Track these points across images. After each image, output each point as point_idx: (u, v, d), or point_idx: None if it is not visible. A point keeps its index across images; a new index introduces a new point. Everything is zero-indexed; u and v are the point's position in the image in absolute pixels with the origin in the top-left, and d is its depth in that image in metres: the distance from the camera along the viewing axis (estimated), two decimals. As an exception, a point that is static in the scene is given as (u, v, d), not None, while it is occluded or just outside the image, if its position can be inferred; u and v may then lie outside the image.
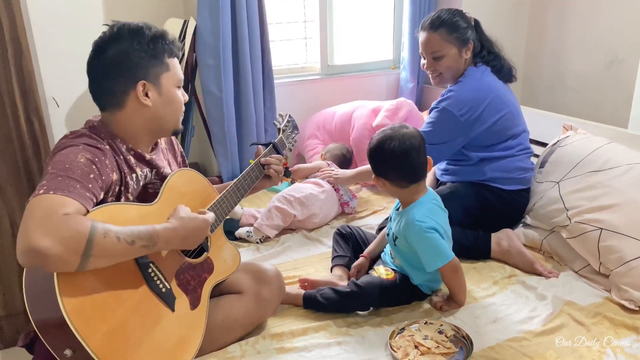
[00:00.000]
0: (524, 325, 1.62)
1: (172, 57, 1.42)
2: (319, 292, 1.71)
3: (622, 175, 1.92)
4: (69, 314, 1.06)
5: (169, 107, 1.42)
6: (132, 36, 1.35)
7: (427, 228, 1.64)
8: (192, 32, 2.48)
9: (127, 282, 1.22)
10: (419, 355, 1.47)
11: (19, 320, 2.13)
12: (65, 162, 1.20)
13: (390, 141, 1.66)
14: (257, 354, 1.49)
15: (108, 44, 1.35)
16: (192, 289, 1.40)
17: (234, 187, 1.56)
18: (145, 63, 1.35)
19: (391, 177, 1.70)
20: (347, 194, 2.48)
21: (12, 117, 2.01)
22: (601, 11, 2.88)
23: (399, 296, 1.73)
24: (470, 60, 2.14)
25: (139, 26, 1.37)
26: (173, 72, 1.41)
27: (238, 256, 1.61)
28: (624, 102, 2.70)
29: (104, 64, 1.35)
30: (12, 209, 2.07)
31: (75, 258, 1.07)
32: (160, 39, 1.38)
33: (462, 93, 2.05)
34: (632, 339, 1.54)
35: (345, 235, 1.99)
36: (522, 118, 2.19)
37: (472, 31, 2.13)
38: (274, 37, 2.86)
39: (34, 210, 1.09)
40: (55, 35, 2.36)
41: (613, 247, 1.78)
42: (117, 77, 1.35)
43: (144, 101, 1.36)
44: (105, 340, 1.12)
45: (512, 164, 2.12)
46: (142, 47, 1.35)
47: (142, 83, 1.35)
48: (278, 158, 1.71)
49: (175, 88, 1.43)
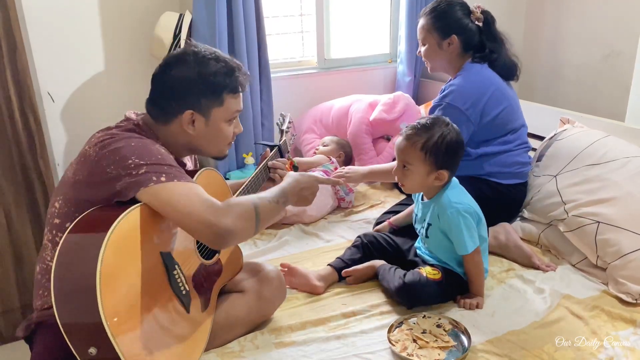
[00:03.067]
0: (522, 318, 1.63)
1: (233, 93, 1.42)
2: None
3: (619, 169, 1.92)
4: (106, 314, 1.05)
5: (213, 140, 1.45)
6: (197, 64, 1.36)
7: (463, 210, 1.67)
8: (187, 26, 2.46)
9: (155, 284, 1.23)
10: (417, 349, 1.47)
11: (16, 316, 2.13)
12: (152, 153, 1.25)
13: (454, 132, 1.69)
14: (255, 349, 1.49)
15: (174, 64, 1.38)
16: (204, 291, 1.42)
17: (245, 189, 1.58)
18: (199, 94, 1.37)
19: (453, 168, 1.72)
20: (344, 188, 2.46)
21: (7, 112, 2.00)
22: (598, 4, 2.87)
23: (445, 294, 1.72)
24: (459, 55, 2.10)
25: (209, 57, 1.38)
26: (226, 107, 1.42)
27: (241, 256, 1.63)
28: (621, 94, 2.70)
29: (164, 82, 1.38)
30: (7, 203, 2.06)
31: (252, 225, 1.27)
32: (224, 75, 1.38)
33: (463, 87, 2.03)
34: (630, 332, 1.55)
35: (364, 244, 1.93)
36: (521, 112, 2.19)
37: (470, 25, 2.09)
38: (270, 30, 2.85)
39: (188, 198, 1.21)
40: (50, 30, 2.34)
41: (610, 240, 1.78)
42: (171, 99, 1.37)
43: (187, 129, 1.38)
44: (132, 340, 1.12)
45: (510, 158, 2.12)
46: (202, 80, 1.36)
47: (190, 112, 1.37)
48: (283, 162, 1.75)
49: (224, 123, 1.44)
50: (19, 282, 2.12)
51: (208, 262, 1.45)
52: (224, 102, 1.40)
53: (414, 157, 1.67)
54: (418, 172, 1.69)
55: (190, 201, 1.20)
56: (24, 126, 2.05)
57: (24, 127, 2.05)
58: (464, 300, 1.70)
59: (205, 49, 1.40)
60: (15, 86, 2.00)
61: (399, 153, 1.72)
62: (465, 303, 1.69)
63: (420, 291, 1.66)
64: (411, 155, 1.68)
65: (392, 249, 1.92)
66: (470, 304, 1.68)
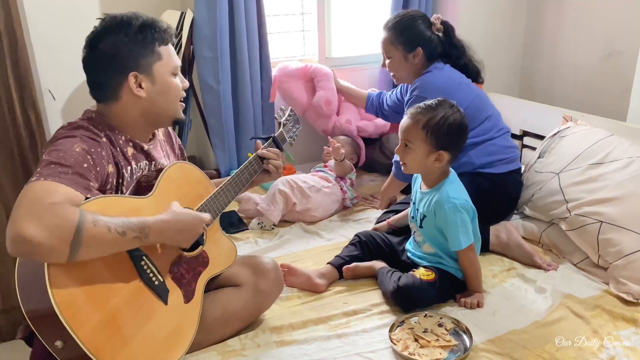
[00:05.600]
0: (523, 318, 1.63)
1: (164, 44, 1.39)
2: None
3: (623, 169, 1.92)
4: (59, 305, 1.06)
5: (165, 96, 1.41)
6: (119, 28, 1.33)
7: (460, 206, 1.67)
8: (189, 24, 2.46)
9: (120, 275, 1.22)
10: (419, 348, 1.47)
11: (16, 315, 2.12)
12: (60, 151, 1.21)
13: (459, 114, 1.70)
14: (256, 347, 1.49)
15: (98, 38, 1.34)
16: (186, 283, 1.40)
17: (231, 181, 1.54)
18: (134, 54, 1.34)
19: (455, 151, 1.72)
20: (352, 198, 2.48)
21: (8, 109, 1.99)
22: (599, 3, 2.87)
23: (441, 294, 1.71)
24: (424, 65, 2.19)
25: (127, 17, 1.35)
26: (166, 60, 1.39)
27: (234, 250, 1.60)
28: (621, 94, 2.69)
29: (96, 58, 1.35)
30: (8, 201, 2.05)
31: (64, 247, 1.06)
32: (148, 27, 1.35)
33: (430, 80, 2.13)
34: (631, 332, 1.55)
35: (362, 242, 1.94)
36: (491, 103, 2.26)
37: (432, 37, 2.18)
38: (271, 29, 2.84)
39: (23, 197, 1.10)
40: (51, 27, 2.34)
41: (612, 240, 1.78)
42: (109, 71, 1.35)
43: (137, 92, 1.36)
44: (95, 331, 1.11)
45: (494, 146, 2.16)
46: (130, 39, 1.33)
47: (134, 74, 1.34)
48: (276, 152, 1.67)
49: (170, 76, 1.41)
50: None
51: (189, 254, 1.43)
52: (162, 55, 1.38)
53: (416, 135, 1.69)
54: (418, 151, 1.70)
55: (20, 199, 1.09)
56: (25, 124, 2.04)
57: (25, 125, 2.04)
58: (464, 299, 1.70)
59: (118, 14, 1.36)
60: (17, 84, 1.99)
61: (401, 131, 1.74)
62: (466, 303, 1.69)
63: (415, 293, 1.65)
64: (413, 134, 1.70)
65: (388, 249, 1.93)
66: (471, 303, 1.68)
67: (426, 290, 1.66)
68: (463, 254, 1.70)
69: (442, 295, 1.71)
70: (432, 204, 1.72)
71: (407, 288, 1.65)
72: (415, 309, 1.65)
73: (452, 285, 1.73)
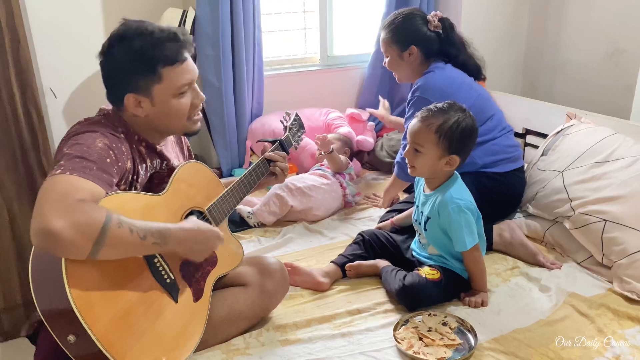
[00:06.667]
0: (527, 316, 1.62)
1: (169, 64, 1.32)
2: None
3: (627, 168, 1.91)
4: (75, 300, 1.06)
5: (165, 118, 1.38)
6: (122, 46, 1.30)
7: (465, 207, 1.66)
8: (191, 22, 2.45)
9: (133, 272, 1.22)
10: (423, 347, 1.47)
11: (18, 313, 2.12)
12: (83, 145, 1.21)
13: (470, 118, 1.69)
14: (261, 346, 1.48)
15: (106, 52, 1.33)
16: (195, 281, 1.40)
17: (240, 183, 1.55)
18: (134, 75, 1.31)
19: (465, 155, 1.71)
20: (353, 194, 2.47)
21: (10, 108, 1.99)
22: (603, 1, 2.86)
23: (446, 294, 1.71)
24: (421, 63, 2.19)
25: (131, 35, 1.30)
26: (167, 82, 1.33)
27: (241, 250, 1.61)
28: (625, 92, 2.69)
29: (104, 71, 1.35)
30: (10, 200, 2.05)
31: (87, 244, 1.06)
32: (152, 48, 1.29)
33: (431, 81, 2.11)
34: (636, 330, 1.54)
35: (365, 241, 1.93)
36: (493, 102, 2.24)
37: (429, 34, 2.16)
38: (272, 27, 2.83)
39: (50, 190, 1.09)
40: (53, 26, 2.33)
41: (617, 238, 1.78)
42: (113, 87, 1.35)
43: (135, 112, 1.35)
44: (108, 327, 1.11)
45: (497, 146, 2.15)
46: (130, 59, 1.30)
47: (132, 96, 1.33)
48: (282, 155, 1.69)
49: (173, 98, 1.36)
50: (22, 278, 2.11)
51: None
52: (163, 77, 1.32)
53: (428, 139, 1.66)
54: (430, 155, 1.67)
55: (46, 192, 1.08)
56: (27, 122, 2.04)
57: (27, 123, 2.04)
58: (468, 298, 1.69)
59: (129, 27, 1.31)
60: (18, 82, 1.99)
61: (411, 135, 1.71)
62: (470, 301, 1.68)
63: (420, 292, 1.65)
64: (424, 138, 1.67)
65: (392, 247, 1.92)
66: (475, 302, 1.68)
67: (431, 289, 1.66)
68: (468, 254, 1.69)
69: (446, 295, 1.71)
70: (436, 205, 1.71)
71: (413, 287, 1.64)
72: (420, 308, 1.65)
73: (457, 285, 1.72)
